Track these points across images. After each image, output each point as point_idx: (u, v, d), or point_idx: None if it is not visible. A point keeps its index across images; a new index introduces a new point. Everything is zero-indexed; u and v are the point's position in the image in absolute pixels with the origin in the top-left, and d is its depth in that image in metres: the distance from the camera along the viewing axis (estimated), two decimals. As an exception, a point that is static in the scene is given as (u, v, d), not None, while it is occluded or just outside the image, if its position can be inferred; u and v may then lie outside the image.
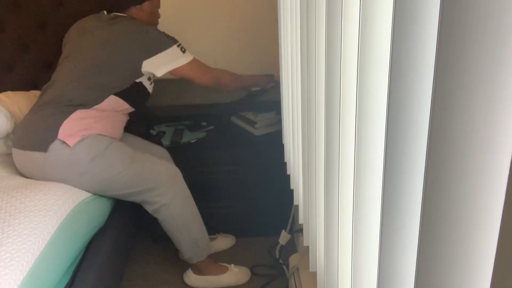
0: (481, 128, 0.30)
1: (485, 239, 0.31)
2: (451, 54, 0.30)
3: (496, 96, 0.28)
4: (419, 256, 0.38)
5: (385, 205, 0.45)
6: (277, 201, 1.88)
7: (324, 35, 0.69)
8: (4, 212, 1.21)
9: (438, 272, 0.36)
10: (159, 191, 1.52)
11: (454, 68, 0.30)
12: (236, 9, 2.11)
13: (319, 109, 0.80)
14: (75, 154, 1.41)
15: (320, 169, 0.83)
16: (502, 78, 0.27)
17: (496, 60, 0.28)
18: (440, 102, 0.32)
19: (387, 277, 0.47)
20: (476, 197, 0.31)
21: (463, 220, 0.33)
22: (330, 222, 0.76)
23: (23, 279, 1.05)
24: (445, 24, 0.31)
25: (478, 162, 0.31)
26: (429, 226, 0.36)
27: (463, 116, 0.31)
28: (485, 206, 0.31)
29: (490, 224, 0.31)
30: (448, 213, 0.34)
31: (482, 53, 0.28)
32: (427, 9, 0.35)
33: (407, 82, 0.39)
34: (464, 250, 0.33)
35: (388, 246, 0.46)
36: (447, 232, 0.34)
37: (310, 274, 1.32)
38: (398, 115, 0.41)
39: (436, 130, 0.33)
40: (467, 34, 0.29)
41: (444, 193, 0.34)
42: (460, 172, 0.32)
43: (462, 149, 0.31)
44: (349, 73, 0.59)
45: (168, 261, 1.88)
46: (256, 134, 1.90)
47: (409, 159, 0.41)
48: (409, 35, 0.37)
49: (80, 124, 1.43)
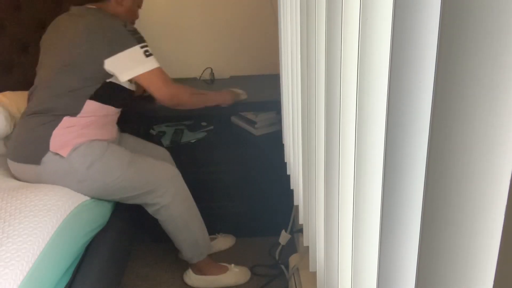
0: (482, 128, 0.30)
1: (487, 239, 0.31)
2: (452, 54, 0.30)
3: (497, 96, 0.28)
4: (419, 256, 0.38)
5: (385, 205, 0.45)
6: (277, 201, 1.88)
7: (324, 35, 0.69)
8: (4, 212, 1.21)
9: (438, 272, 0.36)
10: (159, 193, 1.52)
11: (454, 68, 0.30)
12: (236, 9, 2.10)
13: (319, 109, 0.80)
14: (70, 164, 1.39)
15: (320, 169, 0.83)
16: (503, 78, 0.27)
17: (497, 60, 0.28)
18: (440, 102, 0.32)
19: (387, 277, 0.47)
20: (477, 197, 0.31)
21: (464, 220, 0.33)
22: (330, 222, 0.76)
23: (23, 279, 1.05)
24: (445, 24, 0.30)
25: (479, 162, 0.31)
26: (429, 226, 0.36)
27: (464, 117, 0.31)
28: (487, 206, 0.31)
29: (491, 224, 0.30)
30: (448, 213, 0.34)
31: (483, 53, 0.28)
32: (427, 9, 0.35)
33: (407, 82, 0.39)
34: (465, 250, 0.33)
35: (388, 246, 0.46)
36: (447, 232, 0.34)
37: (310, 274, 1.32)
38: (398, 115, 0.41)
39: (437, 129, 0.33)
40: (467, 34, 0.29)
41: (444, 193, 0.34)
42: (461, 173, 0.32)
43: (463, 149, 0.31)
44: (349, 73, 0.59)
45: (168, 261, 1.88)
46: (256, 134, 1.90)
47: (409, 158, 0.41)
48: (409, 35, 0.37)
49: (71, 132, 1.41)
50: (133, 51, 1.39)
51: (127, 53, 1.38)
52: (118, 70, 1.40)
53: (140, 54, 1.40)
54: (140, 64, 1.41)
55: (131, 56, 1.39)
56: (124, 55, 1.38)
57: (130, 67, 1.40)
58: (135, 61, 1.40)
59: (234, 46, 2.16)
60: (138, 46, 1.39)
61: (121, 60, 1.39)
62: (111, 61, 1.38)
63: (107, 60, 1.38)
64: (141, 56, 1.40)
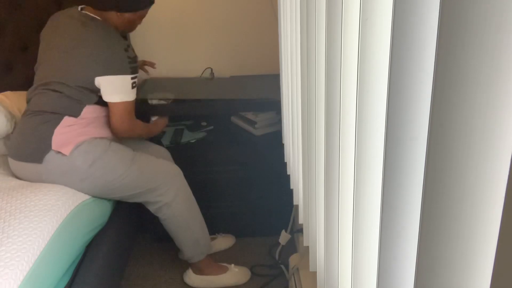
0: (480, 127, 0.30)
1: (485, 238, 0.31)
2: (451, 53, 0.30)
3: (496, 96, 0.28)
4: (419, 256, 0.38)
5: (385, 205, 0.45)
6: (277, 201, 1.88)
7: (324, 35, 0.69)
8: (4, 212, 1.21)
9: (438, 272, 0.36)
10: (161, 191, 1.52)
11: (454, 68, 0.30)
12: (236, 9, 2.10)
13: (319, 109, 0.80)
14: (72, 161, 1.40)
15: (320, 169, 0.83)
16: (502, 78, 0.27)
17: (496, 59, 0.28)
18: (439, 102, 0.32)
19: (387, 277, 0.47)
20: (476, 197, 0.31)
21: (463, 220, 0.33)
22: (330, 222, 0.76)
23: (23, 279, 1.05)
24: (445, 24, 0.31)
25: (478, 162, 0.31)
26: (429, 226, 0.36)
27: (463, 116, 0.31)
28: (485, 206, 0.31)
29: (490, 223, 0.31)
30: (448, 213, 0.34)
31: (482, 53, 0.28)
32: (427, 9, 0.35)
33: (407, 82, 0.39)
34: (464, 250, 0.33)
35: (388, 246, 0.46)
36: (447, 232, 0.34)
37: (310, 274, 1.32)
38: (398, 114, 0.41)
39: (436, 129, 0.33)
40: (467, 34, 0.29)
41: (444, 193, 0.34)
42: (460, 172, 0.32)
43: (462, 149, 0.31)
44: (349, 73, 0.59)
45: (168, 261, 1.88)
46: (256, 134, 1.90)
47: (409, 158, 0.41)
48: (409, 35, 0.37)
49: (72, 130, 1.41)
50: (124, 79, 1.41)
51: (118, 78, 1.41)
52: (104, 90, 1.42)
53: (128, 84, 1.42)
54: (123, 93, 1.43)
55: (120, 83, 1.41)
56: (114, 79, 1.41)
57: (115, 92, 1.42)
58: (121, 89, 1.42)
59: (234, 46, 2.16)
60: (129, 76, 1.42)
61: (110, 82, 1.41)
62: (101, 79, 1.40)
63: (98, 78, 1.40)
64: (128, 86, 1.43)
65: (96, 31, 1.42)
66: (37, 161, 1.39)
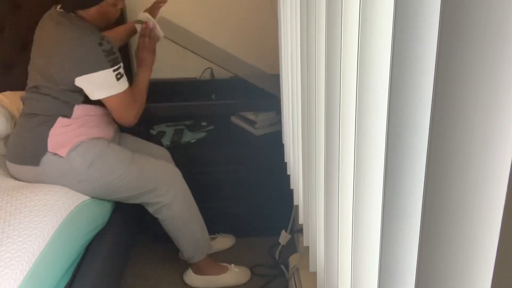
0: (481, 128, 0.30)
1: (485, 239, 0.31)
2: (452, 54, 0.30)
3: (497, 96, 0.28)
4: (419, 256, 0.38)
5: (385, 205, 0.45)
6: (277, 201, 1.88)
7: (324, 35, 0.69)
8: (4, 212, 1.21)
9: (438, 272, 0.36)
10: (160, 192, 1.52)
11: (454, 68, 0.30)
12: (236, 9, 2.10)
13: (319, 109, 0.80)
14: (70, 163, 1.39)
15: (320, 169, 0.83)
16: (503, 78, 0.27)
17: (497, 60, 0.28)
18: (440, 102, 0.32)
19: (388, 277, 0.47)
20: (477, 198, 0.31)
21: (464, 220, 0.33)
22: (330, 222, 0.76)
23: (23, 279, 1.05)
24: (445, 24, 0.30)
25: (478, 162, 0.31)
26: (429, 226, 0.36)
27: (463, 116, 0.31)
28: (486, 206, 0.31)
29: (490, 224, 0.31)
30: (448, 213, 0.34)
31: (482, 53, 0.28)
32: (427, 8, 0.35)
33: (408, 82, 0.39)
34: (465, 250, 0.33)
35: (389, 246, 0.46)
36: (447, 232, 0.34)
37: (310, 274, 1.32)
38: (398, 115, 0.41)
39: (437, 130, 0.33)
40: (467, 34, 0.29)
41: (444, 193, 0.34)
42: (461, 173, 0.32)
43: (462, 149, 0.31)
44: (349, 73, 0.59)
45: (168, 261, 1.87)
46: (256, 134, 1.90)
47: (409, 158, 0.41)
48: (409, 35, 0.37)
49: (67, 131, 1.40)
50: (104, 74, 1.35)
51: (97, 75, 1.34)
52: (87, 89, 1.38)
53: (111, 77, 1.36)
54: (109, 88, 1.38)
55: (101, 79, 1.36)
56: (93, 77, 1.35)
57: (100, 89, 1.38)
58: (104, 84, 1.37)
59: (234, 46, 2.16)
60: (110, 70, 1.35)
61: (91, 80, 1.35)
62: (81, 79, 1.35)
63: (77, 78, 1.35)
64: (112, 79, 1.37)
65: (68, 31, 1.37)
66: (34, 164, 1.39)
